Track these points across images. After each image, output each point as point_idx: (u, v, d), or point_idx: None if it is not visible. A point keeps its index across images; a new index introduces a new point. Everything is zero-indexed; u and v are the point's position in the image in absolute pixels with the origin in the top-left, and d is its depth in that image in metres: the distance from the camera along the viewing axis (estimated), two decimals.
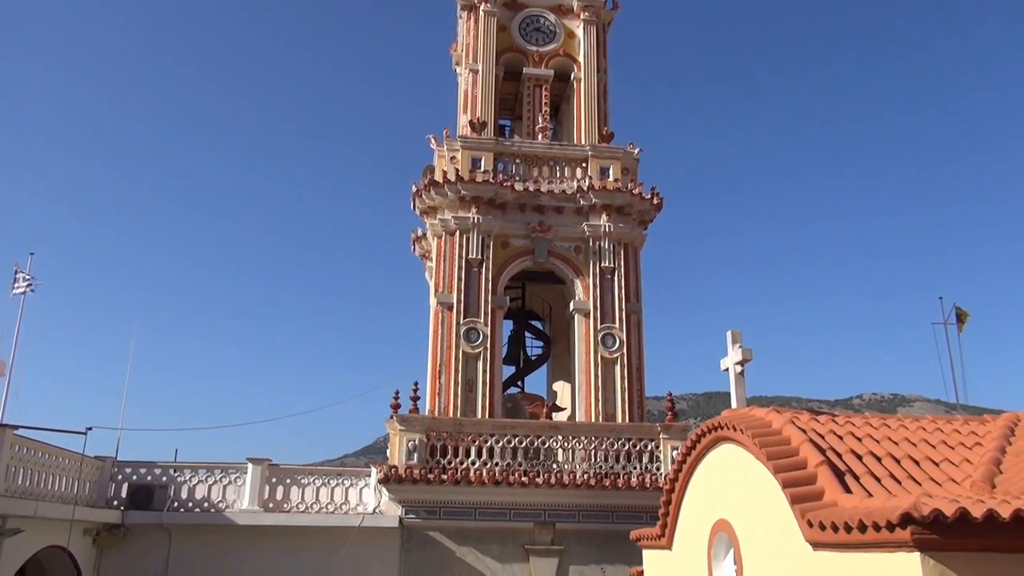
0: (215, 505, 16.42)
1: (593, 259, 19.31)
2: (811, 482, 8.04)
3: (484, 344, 18.17)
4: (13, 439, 12.72)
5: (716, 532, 10.37)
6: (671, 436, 17.51)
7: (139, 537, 15.82)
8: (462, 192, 18.89)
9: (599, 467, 17.12)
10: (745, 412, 10.38)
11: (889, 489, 7.85)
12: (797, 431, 9.05)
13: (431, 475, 16.35)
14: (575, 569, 16.53)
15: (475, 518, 16.48)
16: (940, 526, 6.02)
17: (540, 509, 16.66)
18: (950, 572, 6.05)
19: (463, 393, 17.77)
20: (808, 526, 7.58)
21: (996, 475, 8.23)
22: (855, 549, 6.95)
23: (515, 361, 21.85)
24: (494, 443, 17.01)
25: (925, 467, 8.63)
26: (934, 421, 10.26)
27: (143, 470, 16.64)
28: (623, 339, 18.71)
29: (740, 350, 11.25)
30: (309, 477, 16.98)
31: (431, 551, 16.27)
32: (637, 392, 18.57)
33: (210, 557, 15.89)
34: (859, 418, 10.19)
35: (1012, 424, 9.87)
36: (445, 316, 18.40)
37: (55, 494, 14.00)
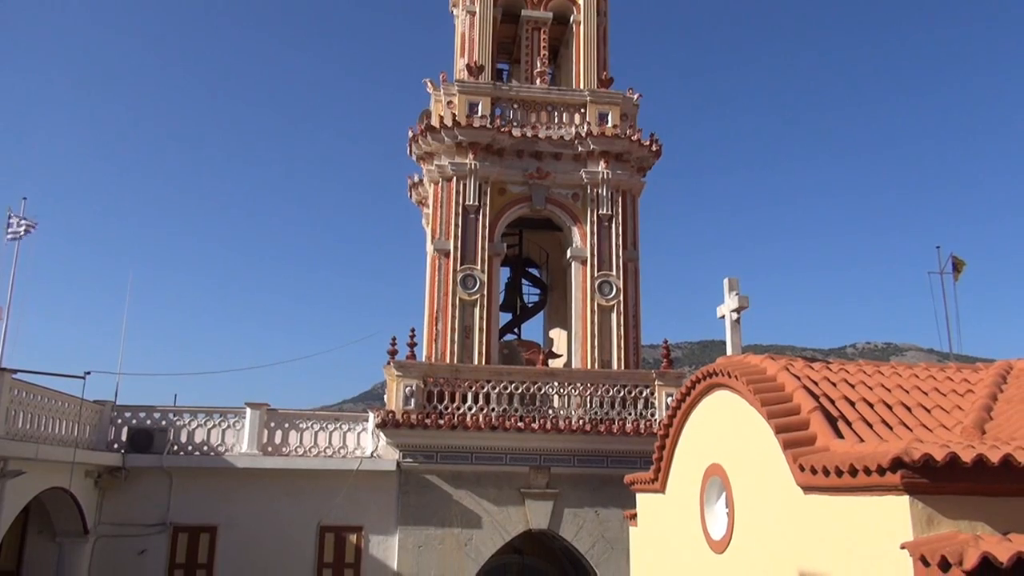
0: (214, 449, 16.62)
1: (591, 206, 19.21)
2: (804, 428, 8.13)
3: (481, 291, 18.18)
4: (12, 383, 12.79)
5: (709, 476, 10.53)
6: (666, 383, 17.67)
7: (140, 479, 16.04)
8: (459, 138, 18.67)
9: (594, 413, 17.30)
10: (740, 359, 10.43)
11: (880, 435, 7.95)
12: (791, 378, 9.12)
13: (428, 420, 16.52)
14: (569, 512, 16.84)
15: (472, 462, 16.71)
16: (930, 470, 6.11)
17: (536, 454, 16.88)
18: (937, 515, 6.16)
19: (460, 339, 17.84)
20: (800, 470, 7.68)
21: (986, 421, 8.33)
22: (845, 493, 7.05)
23: (512, 308, 21.89)
24: (490, 389, 17.15)
25: (917, 413, 8.72)
26: (927, 369, 10.33)
27: (142, 414, 16.79)
28: (620, 287, 18.72)
29: (737, 297, 11.25)
30: (307, 422, 17.15)
31: (428, 494, 16.54)
32: (633, 340, 18.66)
33: (210, 499, 16.15)
34: (853, 365, 10.26)
35: (1004, 372, 9.95)
36: (442, 263, 18.37)
37: (55, 437, 14.13)
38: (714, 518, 10.44)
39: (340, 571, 16.18)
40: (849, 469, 6.73)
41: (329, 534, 16.35)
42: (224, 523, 16.10)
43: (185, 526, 16.00)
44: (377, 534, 16.38)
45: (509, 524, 16.63)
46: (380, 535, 16.37)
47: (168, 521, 15.94)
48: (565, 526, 16.77)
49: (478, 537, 16.46)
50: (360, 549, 16.29)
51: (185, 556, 15.90)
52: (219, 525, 16.09)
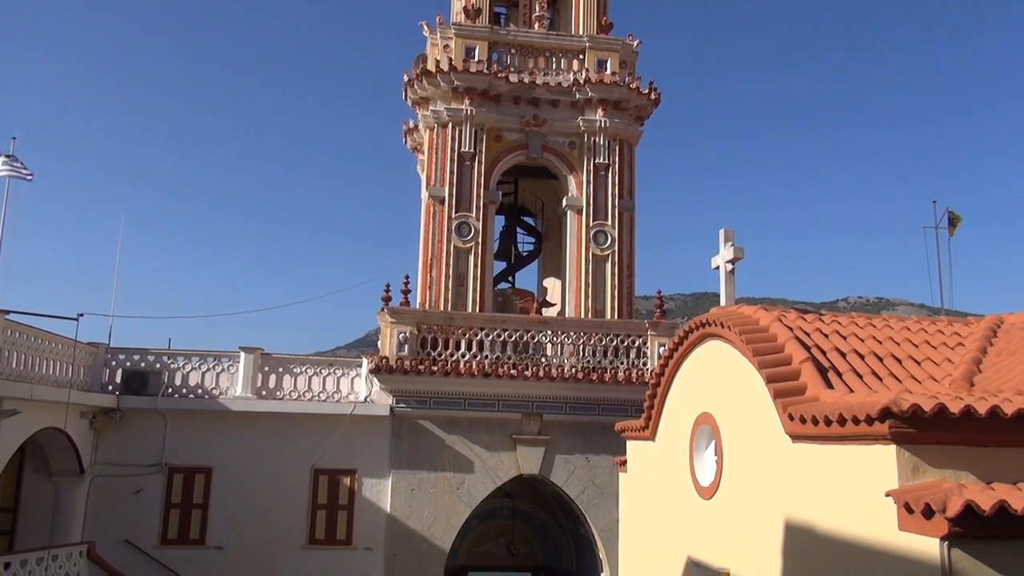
0: (208, 392, 16.72)
1: (587, 155, 19.03)
2: (794, 378, 8.20)
3: (475, 239, 18.11)
4: (5, 323, 12.78)
5: (699, 424, 10.65)
6: (659, 333, 17.76)
7: (135, 421, 16.16)
8: (455, 82, 18.38)
9: (587, 362, 17.42)
10: (733, 310, 10.47)
11: (870, 385, 8.02)
12: (783, 328, 9.16)
13: (421, 366, 16.62)
14: (560, 458, 17.07)
15: (464, 408, 16.87)
16: (917, 420, 6.18)
17: (528, 401, 17.05)
18: (923, 464, 6.25)
19: (454, 287, 17.84)
20: (789, 419, 7.77)
21: (975, 374, 8.41)
22: (833, 442, 7.15)
23: (506, 256, 21.83)
24: (484, 336, 17.22)
25: (907, 365, 8.80)
26: (918, 322, 10.39)
27: (136, 356, 16.84)
28: (615, 236, 18.67)
29: (732, 248, 11.25)
30: (301, 366, 17.24)
31: (421, 439, 16.72)
32: (627, 290, 18.68)
33: (205, 441, 16.31)
34: (845, 317, 10.31)
35: (995, 326, 10.02)
36: (437, 210, 18.25)
37: (50, 378, 14.18)
38: (703, 465, 10.60)
39: (334, 512, 16.45)
40: (838, 419, 6.81)
41: (323, 476, 16.57)
42: (219, 464, 16.30)
43: (180, 467, 16.20)
44: (370, 477, 16.61)
45: (501, 469, 16.88)
46: (373, 478, 16.61)
47: (163, 462, 16.12)
48: (556, 472, 17.03)
49: (470, 481, 16.71)
50: (354, 491, 16.53)
51: (181, 496, 16.13)
52: (214, 466, 16.28)
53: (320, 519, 16.41)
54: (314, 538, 16.31)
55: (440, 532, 16.45)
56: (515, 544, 19.93)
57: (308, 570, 16.06)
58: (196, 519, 16.09)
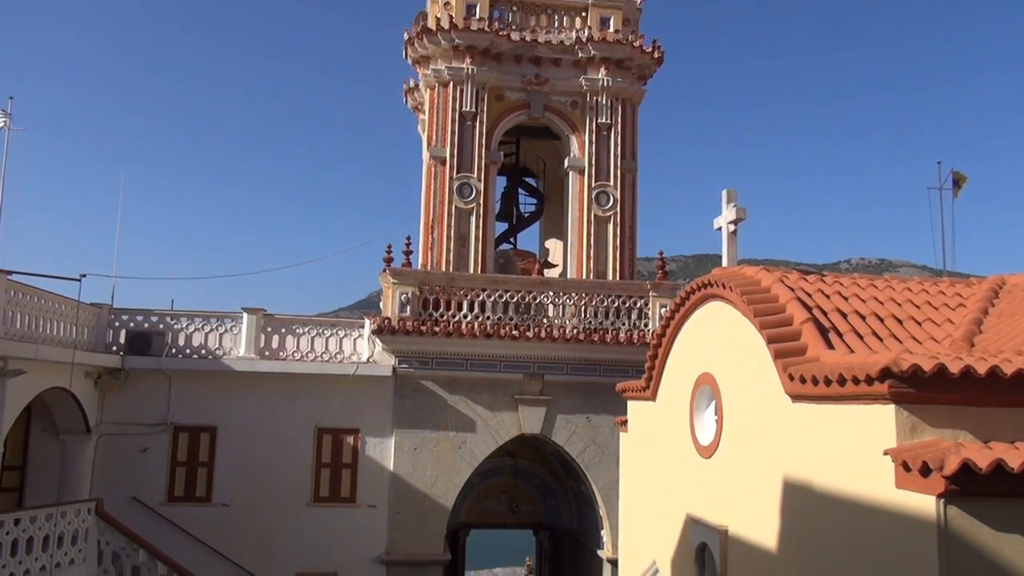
0: (212, 352, 16.80)
1: (590, 115, 18.86)
2: (795, 338, 8.23)
3: (477, 199, 18.05)
4: (8, 284, 12.79)
5: (700, 385, 10.73)
6: (660, 294, 17.78)
7: (139, 381, 16.28)
8: (456, 41, 18.14)
9: (588, 322, 17.48)
10: (735, 270, 10.47)
11: (871, 346, 8.05)
12: (785, 289, 9.17)
13: (423, 327, 16.68)
14: (562, 418, 17.22)
15: (466, 369, 16.97)
16: (917, 380, 6.21)
17: (530, 361, 17.13)
18: (921, 423, 6.30)
19: (455, 248, 17.82)
20: (789, 379, 7.82)
21: (976, 335, 8.43)
22: (833, 401, 7.20)
23: (508, 218, 21.76)
24: (486, 297, 17.25)
25: (908, 326, 8.82)
26: (920, 283, 10.39)
27: (140, 317, 16.90)
28: (617, 197, 18.59)
29: (734, 209, 11.21)
30: (304, 327, 17.30)
31: (424, 399, 16.86)
32: (629, 251, 18.66)
33: (209, 401, 16.45)
34: (847, 278, 10.31)
35: (996, 287, 10.01)
36: (438, 170, 18.16)
37: (54, 338, 14.25)
38: (703, 425, 10.70)
39: (338, 471, 16.65)
40: (838, 378, 6.85)
41: (327, 436, 16.74)
42: (223, 424, 16.46)
43: (185, 426, 16.36)
44: (374, 436, 16.78)
45: (502, 429, 17.04)
46: (376, 437, 16.77)
47: (168, 421, 16.28)
48: (557, 431, 17.19)
49: (472, 441, 16.89)
50: (357, 450, 16.71)
51: (186, 454, 16.32)
52: (218, 426, 16.45)
53: (324, 477, 16.62)
54: (318, 496, 16.54)
55: (443, 490, 16.67)
56: (517, 502, 20.22)
57: (313, 527, 16.32)
58: (202, 477, 16.30)
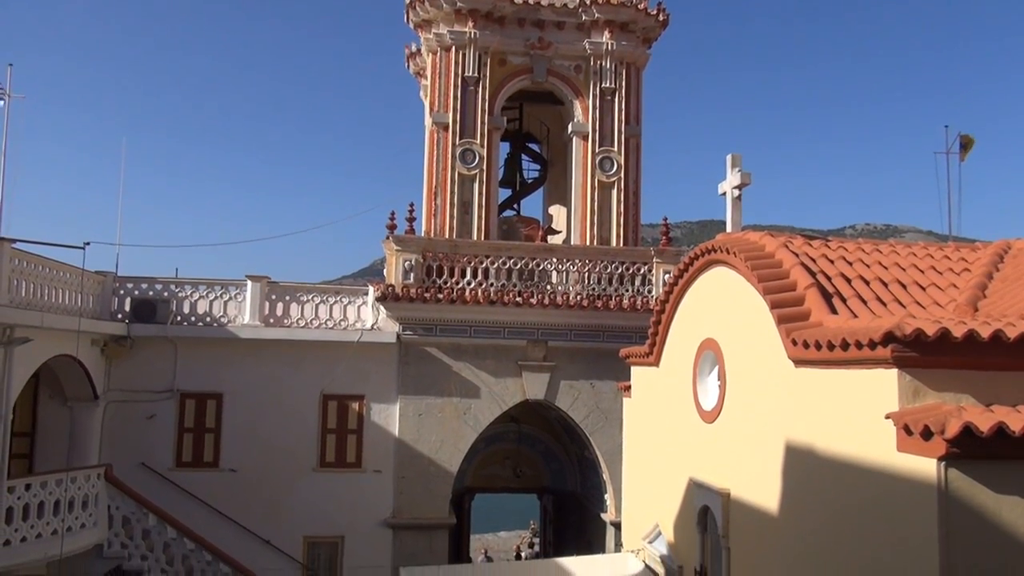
0: (217, 320, 16.87)
1: (593, 79, 18.67)
2: (799, 303, 8.22)
3: (480, 165, 17.95)
4: (12, 252, 12.80)
5: (703, 350, 10.75)
6: (664, 260, 17.75)
7: (145, 348, 16.37)
8: (457, 4, 17.89)
9: (592, 289, 17.48)
10: (739, 236, 10.44)
11: (874, 311, 8.05)
12: (789, 254, 9.15)
13: (427, 294, 16.70)
14: (565, 384, 17.31)
15: (470, 335, 17.02)
16: (920, 345, 6.22)
17: (533, 328, 17.17)
18: (924, 387, 6.32)
19: (459, 215, 17.77)
20: (792, 344, 7.83)
21: (980, 299, 8.42)
22: (836, 366, 7.22)
23: (511, 184, 21.65)
24: (489, 264, 17.24)
25: (912, 291, 8.81)
26: (925, 248, 10.36)
27: (144, 285, 16.94)
28: (621, 163, 18.47)
29: (739, 174, 11.14)
30: (308, 294, 17.33)
31: (428, 365, 16.94)
32: (632, 217, 18.59)
33: (215, 368, 16.55)
34: (852, 244, 10.28)
35: (1002, 251, 9.98)
36: (441, 136, 18.04)
37: (59, 306, 14.30)
38: (706, 390, 10.75)
39: (343, 436, 16.80)
40: (841, 343, 6.86)
41: (332, 402, 16.86)
42: (230, 390, 16.57)
43: (192, 393, 16.48)
44: (378, 402, 16.89)
45: (506, 395, 17.14)
46: (381, 403, 16.89)
47: (175, 388, 16.39)
48: (561, 397, 17.29)
49: (476, 406, 17.00)
50: (362, 416, 16.85)
51: (193, 421, 16.47)
52: (224, 392, 16.56)
53: (330, 443, 16.77)
54: (324, 461, 16.71)
55: (447, 455, 16.82)
56: (521, 467, 20.42)
57: (319, 491, 16.50)
58: (209, 443, 16.46)
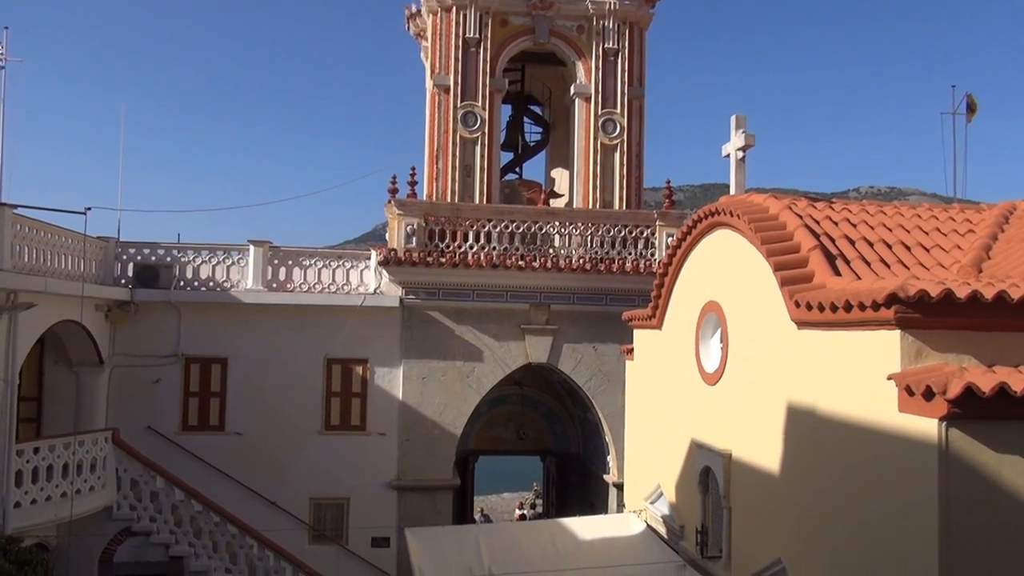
0: (220, 285, 16.90)
1: (596, 40, 18.42)
2: (802, 265, 8.20)
3: (482, 128, 17.81)
4: (14, 217, 12.79)
5: (705, 313, 10.76)
6: (667, 223, 17.69)
7: (149, 313, 16.42)
8: None
9: (595, 252, 17.44)
10: (743, 198, 10.38)
11: (878, 273, 8.03)
12: (793, 216, 9.10)
13: (429, 258, 16.69)
14: (568, 347, 17.37)
15: (473, 299, 17.04)
16: (923, 306, 6.21)
17: (536, 292, 17.19)
18: (926, 348, 6.33)
19: (461, 178, 17.68)
20: (795, 306, 7.83)
21: (984, 261, 8.39)
22: (838, 328, 7.22)
23: (513, 147, 21.51)
24: (491, 228, 17.19)
25: (916, 253, 8.78)
26: (930, 209, 10.30)
27: (147, 250, 16.93)
28: (624, 125, 18.32)
29: (743, 135, 11.03)
30: (310, 259, 17.33)
31: (431, 329, 16.99)
32: (635, 180, 18.48)
33: (219, 332, 16.62)
34: (856, 205, 10.22)
35: (1007, 213, 9.92)
36: (442, 99, 17.87)
37: (62, 272, 14.32)
38: (708, 353, 10.78)
39: (347, 400, 16.93)
40: (844, 305, 6.85)
41: (336, 366, 16.96)
42: (234, 355, 16.66)
43: (196, 357, 16.58)
44: (382, 366, 16.98)
45: (509, 358, 17.21)
46: (385, 367, 16.98)
47: (179, 352, 16.48)
48: (564, 360, 17.36)
49: (480, 370, 17.08)
50: (366, 380, 16.95)
51: (198, 385, 16.59)
52: (229, 357, 16.66)
53: (334, 406, 16.91)
54: (329, 424, 16.86)
55: (451, 418, 16.95)
56: (524, 429, 20.59)
57: (325, 454, 16.68)
58: (215, 407, 16.60)
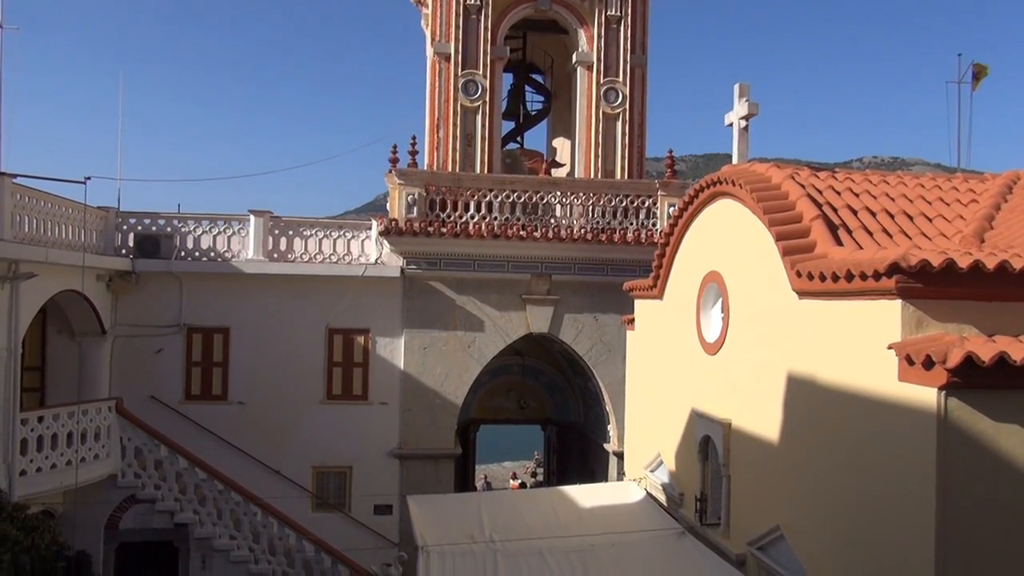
0: (221, 255, 16.88)
1: (599, 6, 18.19)
2: (804, 235, 8.19)
3: (483, 97, 17.66)
4: (14, 187, 12.73)
5: (707, 283, 10.76)
6: (669, 193, 17.61)
7: (150, 284, 16.43)
8: None
9: (596, 222, 17.40)
10: (745, 167, 10.33)
11: (880, 243, 8.02)
12: (796, 186, 9.07)
13: (431, 228, 16.65)
14: (569, 317, 17.40)
15: (474, 269, 17.03)
16: (925, 275, 6.21)
17: (537, 262, 17.17)
18: (927, 318, 6.34)
19: (462, 148, 17.58)
20: (797, 276, 7.82)
21: (987, 231, 8.37)
22: (840, 297, 7.22)
23: (515, 116, 21.34)
24: (493, 198, 17.14)
25: (919, 223, 8.75)
26: (933, 179, 10.25)
27: (147, 220, 16.90)
28: (626, 94, 18.16)
29: (746, 104, 10.95)
30: (311, 229, 17.29)
31: (432, 299, 17.01)
32: (637, 149, 18.37)
33: (220, 302, 16.64)
34: (859, 175, 10.17)
35: (1011, 182, 9.87)
36: (443, 67, 17.70)
37: (63, 242, 14.30)
38: (709, 323, 10.79)
39: (349, 369, 17.00)
40: (845, 275, 6.85)
41: (337, 336, 17.00)
42: (236, 325, 16.70)
43: (198, 327, 16.61)
44: (384, 336, 17.03)
45: (510, 328, 17.25)
46: (387, 337, 17.03)
47: (181, 323, 16.52)
48: (565, 330, 17.40)
49: (481, 340, 17.13)
50: (368, 350, 17.00)
51: (201, 355, 16.64)
52: (231, 327, 16.69)
53: (336, 376, 16.98)
54: (331, 394, 16.94)
55: (452, 388, 17.04)
56: (525, 399, 20.70)
57: (327, 423, 16.79)
58: (217, 376, 16.67)
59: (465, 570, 9.70)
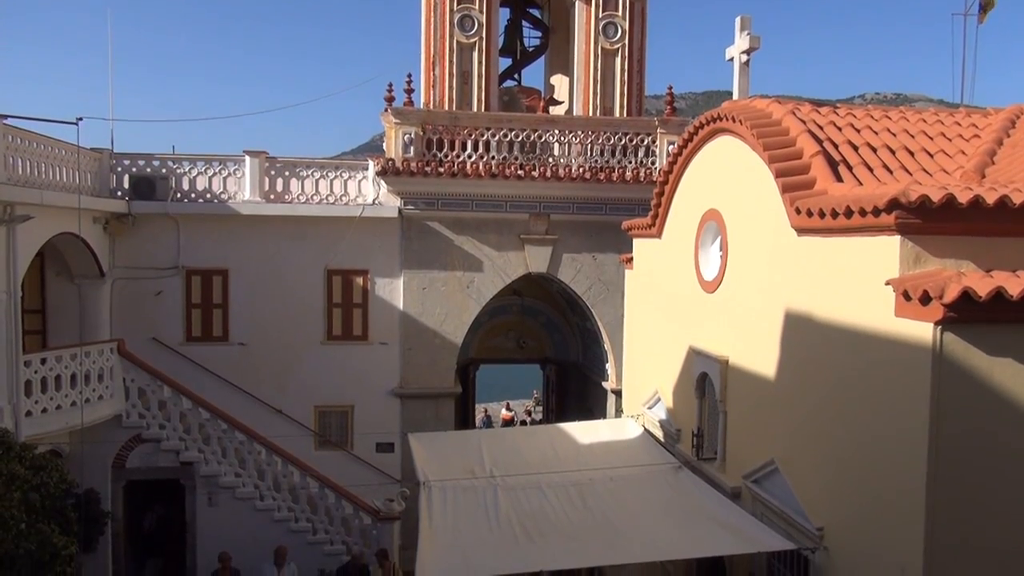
0: (217, 196, 16.77)
1: None
2: (804, 172, 8.13)
3: (479, 33, 17.31)
4: (6, 128, 12.56)
5: (706, 221, 10.73)
6: (668, 131, 17.42)
7: (147, 225, 16.36)
8: None
9: (595, 161, 17.25)
10: (745, 103, 10.20)
11: (880, 179, 7.97)
12: (796, 122, 8.97)
13: (428, 168, 16.52)
14: (568, 256, 17.39)
15: (472, 209, 16.96)
16: (924, 211, 6.19)
17: (535, 201, 17.08)
18: (925, 254, 6.34)
19: (458, 85, 17.31)
20: (796, 213, 7.80)
21: (988, 166, 8.31)
22: (839, 234, 7.21)
23: (512, 53, 20.93)
24: (490, 137, 16.95)
25: (919, 158, 8.68)
26: (935, 114, 10.13)
27: (142, 162, 16.73)
28: (625, 28, 17.80)
29: (748, 37, 10.75)
30: (307, 169, 17.15)
31: (430, 239, 16.98)
32: (636, 86, 18.09)
33: (218, 244, 16.60)
34: (861, 111, 10.04)
35: (1014, 117, 9.76)
36: (438, 2, 17.29)
37: (58, 184, 14.17)
38: (707, 261, 10.81)
39: (349, 310, 17.07)
40: (845, 211, 6.83)
41: (336, 277, 17.02)
42: (234, 266, 16.69)
43: (197, 269, 16.61)
44: (382, 277, 17.05)
45: (509, 268, 17.26)
46: (385, 278, 17.05)
47: (180, 264, 16.51)
48: (563, 270, 17.42)
49: (479, 280, 17.16)
50: (367, 290, 17.05)
51: (200, 297, 16.68)
52: (230, 268, 16.69)
53: (336, 316, 17.06)
54: (331, 334, 17.04)
55: (452, 328, 17.14)
56: (524, 338, 20.86)
57: (328, 363, 16.94)
58: (217, 318, 16.74)
59: (466, 504, 9.92)
